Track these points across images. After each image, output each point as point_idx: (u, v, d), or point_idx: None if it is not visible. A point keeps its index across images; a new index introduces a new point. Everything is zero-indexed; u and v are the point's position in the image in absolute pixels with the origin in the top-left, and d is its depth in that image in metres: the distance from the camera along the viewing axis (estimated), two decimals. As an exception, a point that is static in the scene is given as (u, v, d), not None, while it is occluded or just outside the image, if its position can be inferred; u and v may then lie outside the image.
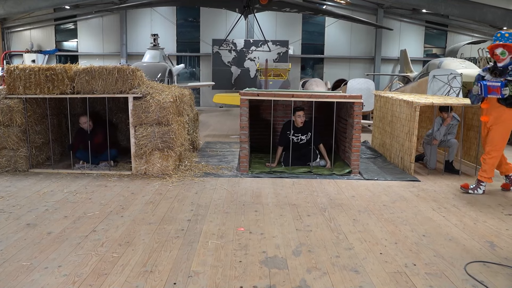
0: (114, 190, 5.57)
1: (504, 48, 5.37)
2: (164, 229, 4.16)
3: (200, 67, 22.76)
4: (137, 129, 6.29)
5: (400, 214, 4.79)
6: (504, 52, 5.37)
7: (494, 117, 5.52)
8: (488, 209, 5.05)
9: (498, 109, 5.47)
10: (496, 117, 5.50)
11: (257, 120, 8.25)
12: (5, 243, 3.76)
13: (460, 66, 12.73)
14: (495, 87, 5.29)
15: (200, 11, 22.09)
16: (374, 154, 8.40)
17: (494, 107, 5.50)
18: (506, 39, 5.40)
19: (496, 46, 5.43)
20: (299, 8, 15.80)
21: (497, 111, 5.48)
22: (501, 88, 5.24)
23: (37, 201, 5.03)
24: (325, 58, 22.84)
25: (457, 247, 3.87)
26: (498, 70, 5.44)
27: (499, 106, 5.45)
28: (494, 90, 5.31)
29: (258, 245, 3.82)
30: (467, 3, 18.17)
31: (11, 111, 6.26)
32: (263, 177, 6.39)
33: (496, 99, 5.43)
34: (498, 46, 5.41)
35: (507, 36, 5.40)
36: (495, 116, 5.50)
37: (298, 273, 3.28)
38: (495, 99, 5.44)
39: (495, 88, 5.29)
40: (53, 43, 22.62)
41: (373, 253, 3.69)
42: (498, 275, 3.32)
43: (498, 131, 5.52)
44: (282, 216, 4.61)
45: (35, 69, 6.29)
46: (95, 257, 3.50)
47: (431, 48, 23.41)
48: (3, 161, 6.40)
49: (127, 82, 6.31)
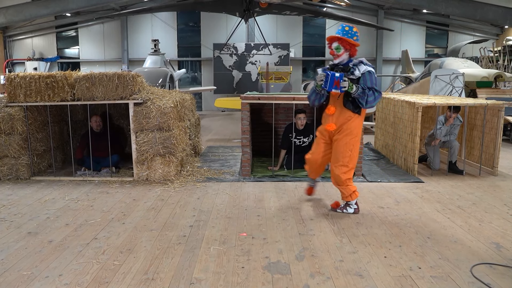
0: (116, 196, 5.55)
1: (340, 42, 4.53)
2: (166, 236, 4.13)
3: (202, 71, 22.79)
4: (138, 135, 6.27)
5: (404, 216, 4.74)
6: (339, 47, 4.53)
7: (342, 125, 4.64)
8: (493, 209, 4.99)
9: (345, 114, 4.62)
10: (345, 126, 4.63)
11: (259, 123, 8.22)
12: (6, 252, 3.74)
13: (462, 65, 12.68)
14: (336, 79, 4.42)
15: (201, 16, 22.15)
16: (377, 155, 8.35)
17: (341, 114, 4.63)
18: (345, 33, 4.55)
19: (332, 38, 4.60)
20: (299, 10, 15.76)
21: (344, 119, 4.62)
22: (340, 81, 4.40)
23: (38, 209, 5.01)
24: (327, 60, 22.80)
25: (463, 249, 3.81)
26: (339, 68, 4.59)
27: (346, 111, 4.60)
28: (336, 83, 4.44)
29: (261, 250, 3.78)
30: (467, 2, 18.11)
31: (12, 119, 6.26)
32: (266, 181, 6.35)
33: (342, 103, 4.59)
34: (334, 40, 4.57)
35: (347, 29, 4.56)
36: (343, 123, 4.63)
37: (302, 278, 3.24)
38: (341, 103, 4.59)
39: (336, 80, 4.43)
40: (54, 50, 22.73)
41: (377, 256, 3.65)
42: (504, 277, 3.26)
43: (343, 142, 4.65)
44: (284, 221, 4.57)
45: (35, 77, 6.29)
46: (96, 265, 3.47)
47: (433, 48, 23.37)
48: (5, 169, 6.39)
49: (127, 88, 6.29)
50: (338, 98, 4.64)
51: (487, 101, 6.80)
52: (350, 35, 4.56)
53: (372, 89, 4.47)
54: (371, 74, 4.51)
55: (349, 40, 4.53)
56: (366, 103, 4.47)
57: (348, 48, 4.56)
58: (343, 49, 4.55)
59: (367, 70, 4.51)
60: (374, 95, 4.47)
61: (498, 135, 6.73)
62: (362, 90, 4.45)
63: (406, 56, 20.45)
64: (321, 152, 4.92)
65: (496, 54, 18.27)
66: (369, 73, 4.51)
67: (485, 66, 17.62)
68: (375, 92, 4.47)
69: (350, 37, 4.55)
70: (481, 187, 6.06)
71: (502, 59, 17.71)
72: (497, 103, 6.70)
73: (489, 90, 11.79)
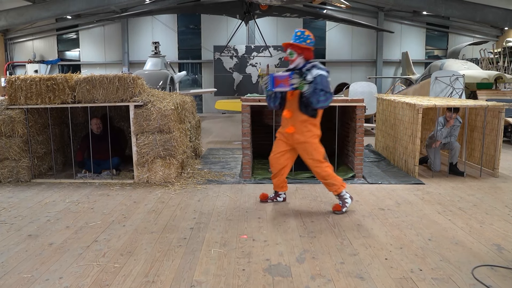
0: (116, 199, 5.54)
1: (291, 48, 4.74)
2: (167, 238, 4.12)
3: (202, 73, 22.80)
4: (138, 137, 6.27)
5: (405, 218, 4.73)
6: (292, 53, 4.74)
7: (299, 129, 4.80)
8: (494, 211, 4.98)
9: (301, 118, 4.78)
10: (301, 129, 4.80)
11: (260, 125, 8.22)
12: (6, 255, 3.73)
13: (462, 67, 12.68)
14: (283, 78, 4.59)
15: (201, 18, 22.18)
16: (377, 157, 8.35)
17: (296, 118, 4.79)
18: (297, 38, 4.75)
19: (286, 45, 4.81)
20: (299, 13, 15.79)
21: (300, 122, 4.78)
22: (290, 78, 4.56)
23: (39, 211, 5.01)
24: (327, 62, 22.81)
25: (464, 250, 3.81)
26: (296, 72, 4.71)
27: (302, 115, 4.77)
28: (282, 82, 4.59)
29: (262, 252, 3.77)
30: (467, 4, 18.13)
31: (12, 122, 6.26)
32: (266, 183, 6.34)
33: (298, 107, 4.75)
34: (287, 46, 4.78)
35: (299, 35, 4.76)
36: (299, 127, 4.80)
37: (302, 281, 3.23)
38: (297, 107, 4.76)
39: (282, 79, 4.58)
40: (55, 53, 22.77)
41: (378, 258, 3.64)
42: (506, 279, 3.25)
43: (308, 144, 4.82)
44: (285, 223, 4.57)
45: (36, 79, 6.30)
46: (96, 268, 3.46)
47: (433, 50, 23.37)
48: (5, 172, 6.39)
49: (128, 91, 6.30)
50: (292, 96, 4.81)
51: (488, 103, 6.80)
52: (301, 40, 4.76)
53: (323, 91, 4.58)
54: (322, 77, 4.62)
55: (300, 45, 4.73)
56: (318, 102, 4.59)
57: (301, 52, 4.75)
58: (296, 54, 4.76)
59: (319, 73, 4.63)
60: (325, 96, 4.58)
61: (498, 136, 6.73)
62: (313, 89, 4.57)
63: (406, 58, 20.47)
64: (281, 151, 5.06)
65: (496, 55, 18.29)
66: (321, 76, 4.62)
67: (485, 68, 17.64)
68: (326, 94, 4.59)
69: (301, 42, 4.75)
70: (482, 188, 6.05)
71: (502, 61, 17.72)
72: (498, 105, 6.70)
73: (490, 91, 11.80)
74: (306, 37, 4.76)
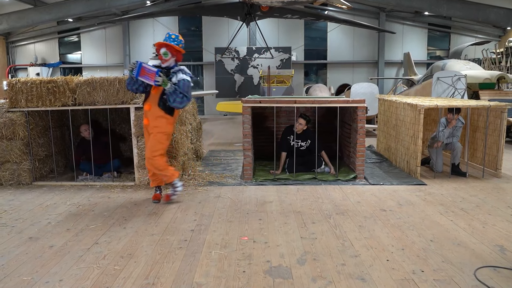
0: (117, 201, 5.53)
1: (167, 48, 5.11)
2: (167, 240, 4.11)
3: (203, 75, 22.82)
4: (139, 140, 6.26)
5: (407, 219, 4.70)
6: (166, 53, 5.11)
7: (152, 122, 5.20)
8: (497, 212, 4.95)
9: (158, 113, 5.17)
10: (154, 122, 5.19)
11: (261, 127, 8.21)
12: (7, 258, 3.73)
13: (464, 67, 12.63)
14: (150, 72, 4.88)
15: (202, 20, 22.21)
16: (379, 158, 8.32)
17: (154, 112, 5.18)
18: (172, 40, 5.15)
19: (160, 45, 5.15)
20: (300, 14, 15.75)
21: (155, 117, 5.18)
22: (156, 75, 4.88)
23: (40, 214, 5.01)
24: (328, 63, 22.83)
25: (466, 252, 3.78)
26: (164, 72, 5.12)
27: (159, 111, 5.17)
28: (148, 74, 4.88)
29: (262, 254, 3.75)
30: (469, 4, 18.11)
31: (13, 125, 6.27)
32: (267, 184, 6.33)
33: (157, 102, 5.13)
34: (162, 46, 5.14)
35: (174, 37, 5.17)
36: (153, 120, 5.19)
37: (303, 283, 3.21)
38: (156, 102, 5.14)
39: (150, 73, 4.88)
40: (57, 56, 22.83)
41: (379, 260, 3.61)
42: (509, 280, 3.22)
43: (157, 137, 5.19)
44: (286, 224, 4.55)
45: (36, 82, 6.30)
46: (97, 270, 3.45)
47: (435, 50, 23.33)
48: (7, 175, 6.39)
49: (128, 93, 6.29)
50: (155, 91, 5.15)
51: (490, 103, 6.77)
52: (176, 42, 5.18)
53: (182, 94, 5.02)
54: (185, 82, 5.07)
55: (175, 47, 5.14)
56: (174, 101, 5.04)
57: (175, 54, 5.18)
58: (170, 54, 5.15)
59: (183, 78, 5.08)
60: (182, 99, 5.05)
61: (501, 136, 6.70)
62: (174, 90, 5.00)
63: (408, 59, 20.43)
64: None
65: (498, 55, 18.24)
66: (184, 81, 5.06)
67: (487, 68, 17.59)
68: (184, 97, 5.05)
69: (176, 44, 5.16)
70: (485, 189, 6.02)
71: (505, 61, 17.67)
72: (500, 105, 6.67)
73: (492, 91, 11.75)
74: (180, 41, 5.23)
